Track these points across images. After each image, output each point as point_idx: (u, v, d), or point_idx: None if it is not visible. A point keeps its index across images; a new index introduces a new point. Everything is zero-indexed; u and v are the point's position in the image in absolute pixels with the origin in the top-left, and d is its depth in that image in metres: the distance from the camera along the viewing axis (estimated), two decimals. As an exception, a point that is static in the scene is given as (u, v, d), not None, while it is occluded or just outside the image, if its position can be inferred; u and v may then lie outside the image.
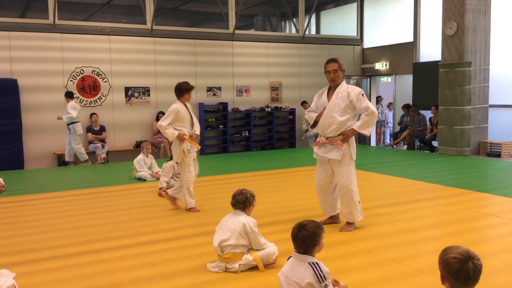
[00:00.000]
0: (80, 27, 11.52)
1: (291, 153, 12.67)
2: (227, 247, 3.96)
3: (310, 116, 5.35)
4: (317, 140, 5.30)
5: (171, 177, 7.42)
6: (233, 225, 3.99)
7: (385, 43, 14.50)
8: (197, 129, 6.29)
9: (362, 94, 5.03)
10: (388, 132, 15.86)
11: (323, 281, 2.96)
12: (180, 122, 6.14)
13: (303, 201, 6.62)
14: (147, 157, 8.84)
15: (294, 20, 14.71)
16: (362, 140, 14.57)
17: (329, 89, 5.23)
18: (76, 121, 10.65)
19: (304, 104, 13.29)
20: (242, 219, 3.99)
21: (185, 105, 6.27)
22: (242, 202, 4.03)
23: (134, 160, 8.83)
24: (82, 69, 11.47)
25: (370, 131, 5.15)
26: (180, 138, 6.08)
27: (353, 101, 5.01)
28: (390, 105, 15.70)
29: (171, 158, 7.51)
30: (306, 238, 3.01)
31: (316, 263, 3.02)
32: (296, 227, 3.08)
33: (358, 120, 5.15)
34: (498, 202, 6.44)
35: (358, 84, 14.69)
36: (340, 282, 3.29)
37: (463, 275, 2.24)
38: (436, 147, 11.94)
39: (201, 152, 12.13)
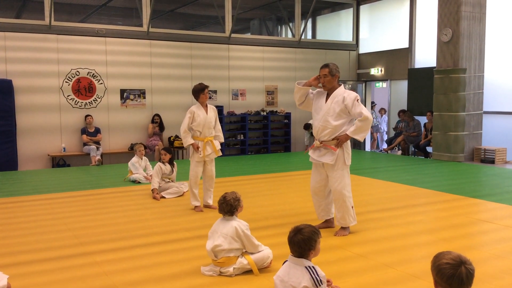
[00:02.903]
0: (76, 28, 11.51)
1: (286, 157, 12.68)
2: (220, 252, 3.95)
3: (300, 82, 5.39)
4: (313, 143, 5.33)
5: (162, 179, 7.45)
6: (225, 230, 3.99)
7: (380, 49, 14.57)
8: (219, 134, 6.48)
9: (357, 100, 5.03)
10: (380, 137, 15.90)
11: (320, 285, 2.97)
12: (195, 122, 6.28)
13: (297, 205, 6.62)
14: (141, 159, 8.84)
15: (290, 24, 14.75)
16: (357, 145, 14.61)
17: (328, 93, 5.25)
18: None
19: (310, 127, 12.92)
20: (234, 223, 3.98)
21: (206, 107, 6.37)
22: (228, 210, 4.02)
23: (129, 163, 8.83)
24: (77, 71, 11.44)
25: (364, 137, 5.16)
26: (194, 147, 6.28)
27: (348, 106, 5.02)
28: (381, 111, 15.75)
29: (159, 160, 7.58)
30: (301, 243, 3.02)
31: (313, 267, 3.02)
32: (293, 231, 3.08)
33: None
34: (492, 208, 6.47)
35: (353, 89, 14.73)
36: (332, 282, 3.30)
37: (456, 280, 2.26)
38: (431, 152, 11.98)
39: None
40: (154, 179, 7.35)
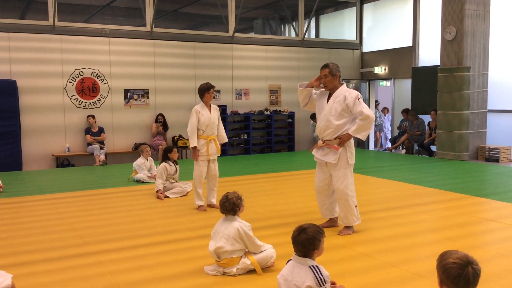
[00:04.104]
0: (80, 28, 11.53)
1: (290, 157, 12.67)
2: (223, 253, 3.95)
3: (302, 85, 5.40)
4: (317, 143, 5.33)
5: (166, 180, 7.44)
6: (227, 231, 3.98)
7: (384, 48, 14.53)
8: (222, 134, 6.57)
9: (359, 98, 5.01)
10: (383, 136, 15.86)
11: (323, 285, 2.97)
12: (200, 121, 6.31)
13: (301, 205, 6.61)
14: (147, 160, 8.84)
15: (294, 23, 14.73)
16: (361, 144, 14.58)
17: (330, 93, 5.24)
18: None
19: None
20: (236, 224, 3.97)
21: (210, 106, 6.41)
22: (230, 209, 4.00)
23: (134, 163, 8.82)
24: (81, 71, 11.46)
25: (366, 136, 5.12)
26: (194, 157, 6.35)
27: (349, 105, 5.01)
28: (384, 110, 15.72)
29: (162, 160, 7.54)
30: (305, 242, 3.02)
31: (317, 266, 3.02)
32: (297, 231, 3.08)
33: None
34: (496, 207, 6.45)
35: (357, 88, 14.71)
36: (336, 283, 3.29)
37: (462, 280, 2.25)
38: (435, 151, 11.95)
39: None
40: (158, 180, 7.31)
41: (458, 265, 2.26)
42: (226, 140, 6.69)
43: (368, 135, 14.84)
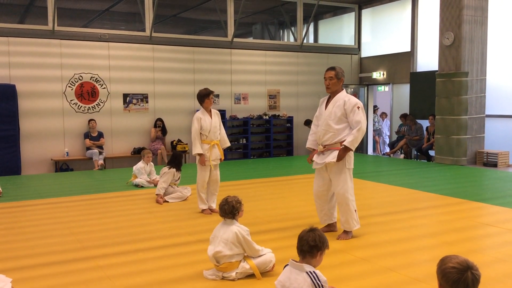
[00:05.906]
0: (79, 33, 11.55)
1: (289, 161, 12.69)
2: (222, 258, 3.96)
3: (309, 139, 5.44)
4: (316, 149, 5.32)
5: (170, 185, 7.42)
6: (225, 235, 3.98)
7: (382, 53, 14.58)
8: (225, 138, 6.62)
9: (358, 107, 5.01)
10: (382, 141, 15.88)
11: (321, 290, 2.97)
12: (202, 127, 6.34)
13: (300, 209, 6.62)
14: (147, 165, 8.84)
15: (292, 28, 14.78)
16: (359, 148, 14.60)
17: (329, 97, 5.27)
18: None
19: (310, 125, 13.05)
20: (234, 228, 3.98)
21: (210, 112, 6.43)
22: (229, 212, 4.02)
23: (134, 167, 8.82)
24: (80, 75, 11.48)
25: (356, 147, 5.15)
26: (201, 163, 6.33)
27: (347, 110, 5.02)
28: (383, 115, 15.75)
29: (171, 166, 7.48)
30: (314, 248, 3.03)
31: (314, 271, 3.01)
32: (306, 239, 3.07)
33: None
34: (495, 212, 6.46)
35: (355, 93, 14.75)
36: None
37: (461, 285, 2.25)
38: (433, 156, 11.97)
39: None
40: (161, 184, 7.27)
41: (457, 269, 2.27)
42: (228, 144, 6.71)
43: (366, 139, 14.96)
